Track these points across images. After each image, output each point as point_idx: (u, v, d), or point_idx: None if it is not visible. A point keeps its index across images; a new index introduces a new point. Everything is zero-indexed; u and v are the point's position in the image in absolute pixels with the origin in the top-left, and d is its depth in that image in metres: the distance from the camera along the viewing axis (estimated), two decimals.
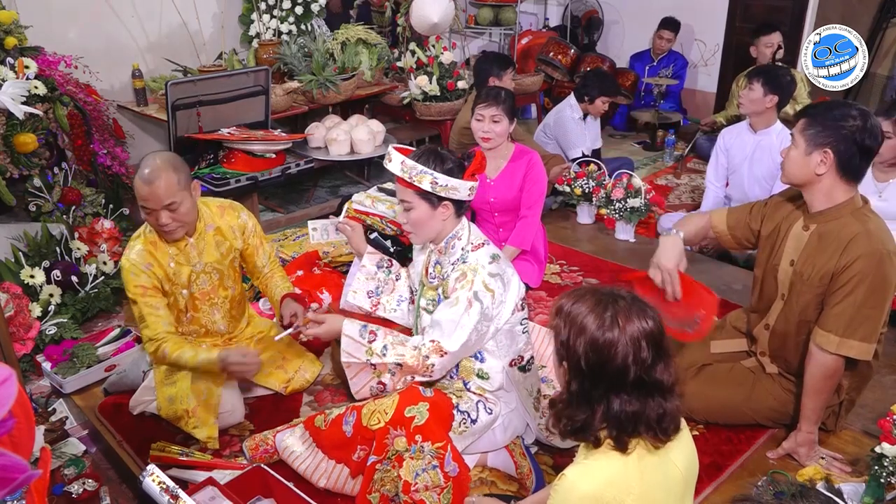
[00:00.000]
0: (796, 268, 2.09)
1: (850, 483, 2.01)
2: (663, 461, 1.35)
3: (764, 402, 2.24)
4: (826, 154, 1.95)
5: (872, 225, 1.99)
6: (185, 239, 2.23)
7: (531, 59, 5.48)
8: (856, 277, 1.94)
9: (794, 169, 2.02)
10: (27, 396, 1.24)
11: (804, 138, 1.97)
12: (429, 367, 1.91)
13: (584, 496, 1.30)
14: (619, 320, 1.29)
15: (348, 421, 1.97)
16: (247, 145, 3.63)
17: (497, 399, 2.06)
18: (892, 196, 3.03)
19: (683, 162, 4.91)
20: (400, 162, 1.94)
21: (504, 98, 2.87)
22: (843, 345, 1.98)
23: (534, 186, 3.00)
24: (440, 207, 1.97)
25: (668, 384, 1.32)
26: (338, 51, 4.35)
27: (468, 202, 2.03)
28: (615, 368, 1.29)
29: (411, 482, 1.84)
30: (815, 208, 2.06)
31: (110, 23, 3.98)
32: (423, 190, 1.93)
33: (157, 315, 2.19)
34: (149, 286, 2.17)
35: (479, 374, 2.03)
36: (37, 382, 2.61)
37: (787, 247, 2.13)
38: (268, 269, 2.47)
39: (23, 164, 2.99)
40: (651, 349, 1.29)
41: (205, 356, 2.17)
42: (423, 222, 2.00)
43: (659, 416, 1.31)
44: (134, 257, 2.17)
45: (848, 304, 1.96)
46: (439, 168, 1.93)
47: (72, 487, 2.05)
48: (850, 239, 1.96)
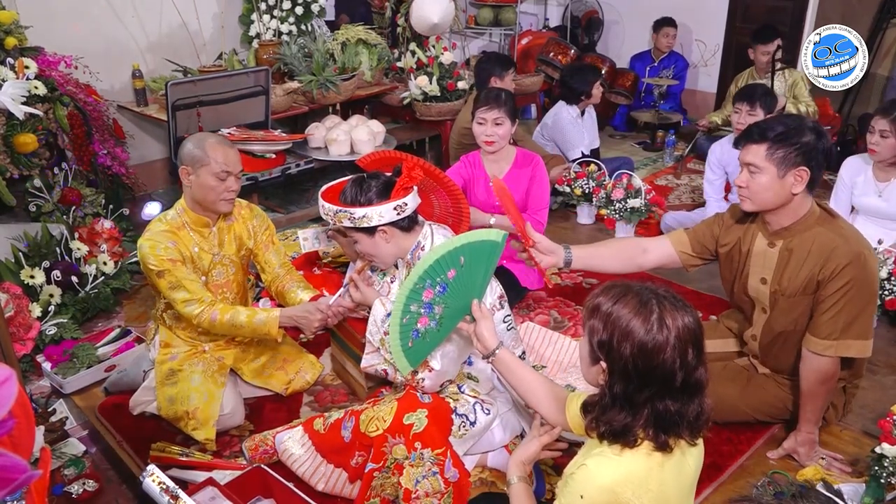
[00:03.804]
0: (774, 286, 2.07)
1: (850, 483, 2.01)
2: (680, 462, 1.34)
3: (760, 398, 2.24)
4: (802, 172, 1.92)
5: (844, 230, 1.99)
6: (210, 227, 2.29)
7: (531, 60, 5.47)
8: (846, 286, 1.94)
9: (767, 195, 1.97)
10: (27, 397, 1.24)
11: (773, 162, 1.93)
12: (419, 381, 1.93)
13: (602, 488, 1.30)
14: (666, 322, 1.28)
15: (346, 426, 1.97)
16: (247, 145, 3.62)
17: (493, 399, 2.06)
18: (892, 196, 3.03)
19: (683, 162, 4.90)
20: (321, 207, 2.00)
21: (505, 100, 2.87)
22: (841, 346, 1.98)
23: (539, 190, 3.00)
24: (377, 235, 2.00)
25: (705, 382, 1.32)
26: (338, 51, 4.35)
27: (414, 214, 2.03)
28: (664, 373, 1.28)
29: (412, 490, 1.83)
30: (780, 225, 2.04)
31: (110, 23, 3.98)
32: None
33: (193, 279, 2.21)
34: (177, 258, 2.19)
35: (470, 377, 2.03)
36: (37, 383, 2.61)
37: (752, 265, 2.12)
38: (282, 269, 2.48)
39: (23, 165, 2.99)
40: (694, 350, 1.29)
41: (263, 315, 2.21)
42: (371, 251, 2.04)
43: (697, 414, 1.31)
44: (156, 236, 2.19)
45: (840, 310, 1.96)
46: (362, 198, 1.95)
47: (72, 488, 2.05)
48: (831, 249, 1.95)
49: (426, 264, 1.75)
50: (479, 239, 1.75)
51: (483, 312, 1.75)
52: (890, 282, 2.77)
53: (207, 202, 2.23)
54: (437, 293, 1.77)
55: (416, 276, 1.76)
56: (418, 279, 1.76)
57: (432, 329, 1.79)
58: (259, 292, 3.03)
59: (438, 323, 1.79)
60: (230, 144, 2.25)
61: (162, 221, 2.25)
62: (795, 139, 1.92)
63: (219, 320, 2.19)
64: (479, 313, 1.75)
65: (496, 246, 1.75)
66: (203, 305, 2.19)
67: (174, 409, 2.23)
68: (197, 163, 2.17)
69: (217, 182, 2.18)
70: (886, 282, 2.77)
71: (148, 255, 2.16)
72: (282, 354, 2.50)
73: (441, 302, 1.77)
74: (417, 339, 1.80)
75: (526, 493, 1.60)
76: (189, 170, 2.19)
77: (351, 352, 2.41)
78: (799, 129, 1.93)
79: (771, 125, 1.97)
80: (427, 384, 1.93)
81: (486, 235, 1.76)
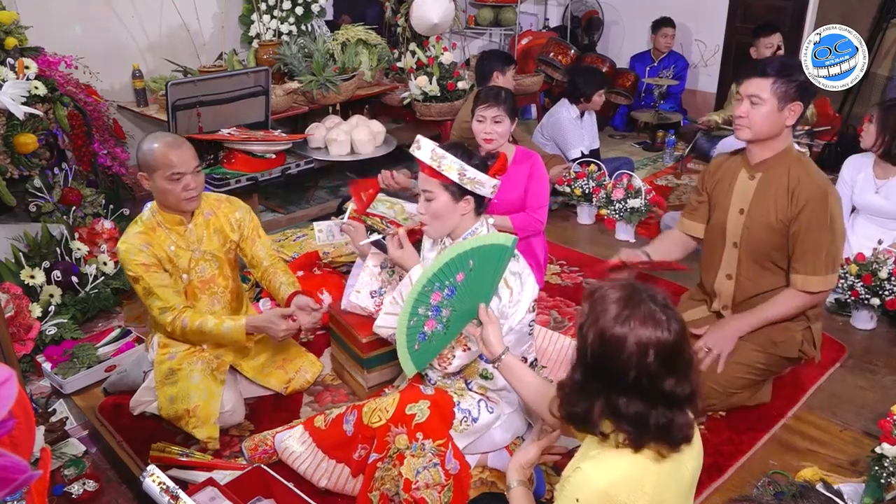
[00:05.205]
0: (749, 215, 2.26)
1: (850, 483, 2.01)
2: (678, 465, 1.34)
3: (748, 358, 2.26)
4: (797, 106, 2.14)
5: (812, 169, 2.22)
6: (185, 224, 2.27)
7: (531, 60, 5.47)
8: (814, 217, 2.14)
9: (765, 125, 2.16)
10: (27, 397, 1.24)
11: (775, 95, 2.12)
12: (450, 359, 1.92)
13: (598, 491, 1.29)
14: (633, 321, 1.25)
15: (349, 420, 1.98)
16: (247, 146, 3.63)
17: (499, 399, 2.06)
18: (891, 193, 3.04)
19: (683, 162, 4.90)
20: (430, 150, 1.94)
21: (504, 97, 2.87)
22: (827, 281, 2.20)
23: (538, 188, 3.00)
24: (462, 201, 1.98)
25: (680, 397, 1.28)
26: (338, 51, 4.35)
27: (488, 201, 2.04)
28: (616, 367, 1.26)
29: (412, 480, 1.84)
30: (762, 157, 2.25)
31: (110, 23, 3.98)
32: (449, 181, 1.94)
33: (165, 286, 2.21)
34: (150, 263, 2.19)
35: (483, 375, 2.03)
36: (37, 383, 2.61)
37: (734, 197, 2.31)
38: (268, 262, 2.48)
39: (23, 165, 2.99)
40: (659, 360, 1.24)
41: (230, 323, 2.20)
42: (442, 214, 2.00)
43: (663, 424, 1.28)
44: (131, 238, 2.20)
45: (819, 246, 2.16)
46: (466, 161, 1.94)
47: (72, 488, 2.05)
48: (799, 182, 2.17)
49: (436, 267, 1.75)
50: (490, 243, 1.75)
51: (490, 317, 1.74)
52: (890, 282, 2.77)
53: (170, 204, 2.22)
54: (446, 296, 1.77)
55: (425, 278, 1.76)
56: (427, 282, 1.76)
57: (439, 332, 1.79)
58: (259, 292, 3.03)
59: (445, 326, 1.79)
60: (179, 143, 2.19)
61: (138, 223, 2.25)
62: (795, 76, 2.14)
63: (189, 327, 2.20)
64: (486, 318, 1.74)
65: (506, 250, 1.75)
66: (175, 312, 2.20)
67: (175, 408, 2.23)
68: (149, 168, 2.16)
69: (172, 185, 2.16)
70: (886, 282, 2.77)
71: (124, 260, 2.19)
72: (281, 353, 2.50)
73: (448, 305, 1.77)
74: (424, 342, 1.80)
75: (525, 498, 1.59)
76: (145, 175, 2.19)
77: (351, 352, 2.41)
78: (797, 68, 2.20)
79: (774, 63, 2.16)
80: (455, 363, 1.93)
81: (496, 239, 1.76)
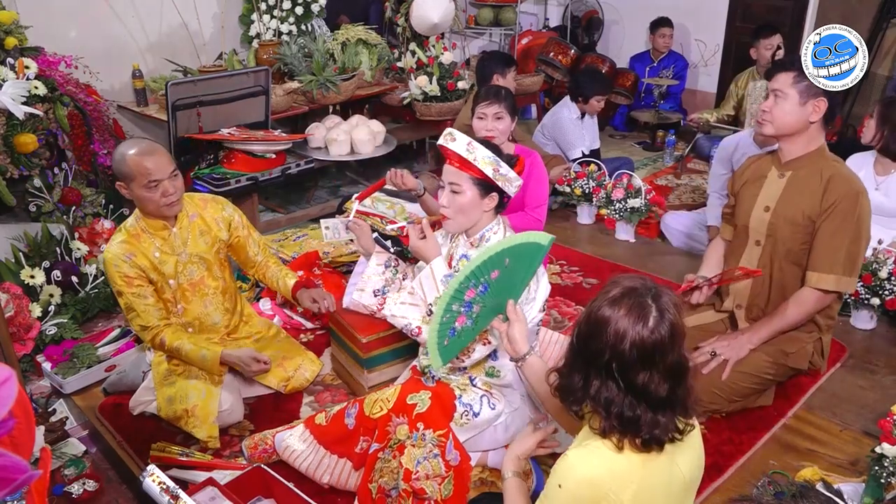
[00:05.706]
0: (775, 212, 2.26)
1: (850, 483, 2.01)
2: (670, 465, 1.33)
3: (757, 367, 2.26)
4: (821, 102, 2.14)
5: (846, 170, 2.20)
6: (169, 229, 2.27)
7: (531, 60, 5.47)
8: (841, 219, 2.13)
9: (788, 120, 2.18)
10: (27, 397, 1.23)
11: (797, 90, 2.15)
12: (470, 352, 1.92)
13: (582, 480, 1.30)
14: (621, 308, 1.28)
15: (350, 413, 1.99)
16: (247, 146, 3.62)
17: (501, 396, 2.06)
18: (890, 190, 3.04)
19: (683, 162, 4.90)
20: (466, 143, 1.93)
21: (505, 95, 2.87)
22: (841, 282, 2.17)
23: (538, 186, 3.00)
24: (487, 198, 1.98)
25: (654, 395, 1.28)
26: (338, 51, 4.35)
27: (507, 200, 2.04)
28: (595, 347, 1.30)
29: (412, 470, 1.84)
30: (792, 155, 2.24)
31: (110, 23, 3.98)
32: (481, 175, 1.94)
33: (147, 304, 2.22)
34: (133, 276, 2.19)
35: (489, 372, 2.03)
36: (37, 383, 2.61)
37: (761, 195, 2.31)
38: (260, 257, 2.50)
39: (23, 165, 2.99)
40: (634, 352, 1.26)
41: (205, 352, 2.20)
42: (468, 209, 1.99)
43: (629, 419, 1.28)
44: (114, 249, 2.20)
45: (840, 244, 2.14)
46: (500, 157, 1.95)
47: (72, 488, 2.05)
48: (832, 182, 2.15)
49: (474, 265, 1.75)
50: (526, 241, 1.75)
51: (518, 315, 1.72)
52: (890, 281, 2.77)
53: (151, 211, 2.22)
54: (479, 293, 1.77)
55: (462, 275, 1.77)
56: (465, 279, 1.76)
57: (468, 327, 1.79)
58: (259, 292, 3.04)
59: (474, 321, 1.79)
60: (153, 150, 2.16)
61: (122, 231, 2.25)
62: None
63: (168, 346, 2.22)
64: (514, 315, 1.71)
65: (542, 249, 1.74)
66: (154, 331, 2.22)
67: (173, 408, 2.23)
68: (126, 178, 2.16)
69: (151, 192, 2.15)
70: (886, 281, 2.77)
71: (108, 271, 2.21)
72: (281, 352, 2.50)
73: (480, 301, 1.77)
74: (453, 338, 1.80)
75: (519, 489, 1.59)
76: (123, 184, 2.19)
77: (351, 352, 2.41)
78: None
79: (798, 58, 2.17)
80: (474, 356, 1.93)
81: (533, 238, 1.75)
